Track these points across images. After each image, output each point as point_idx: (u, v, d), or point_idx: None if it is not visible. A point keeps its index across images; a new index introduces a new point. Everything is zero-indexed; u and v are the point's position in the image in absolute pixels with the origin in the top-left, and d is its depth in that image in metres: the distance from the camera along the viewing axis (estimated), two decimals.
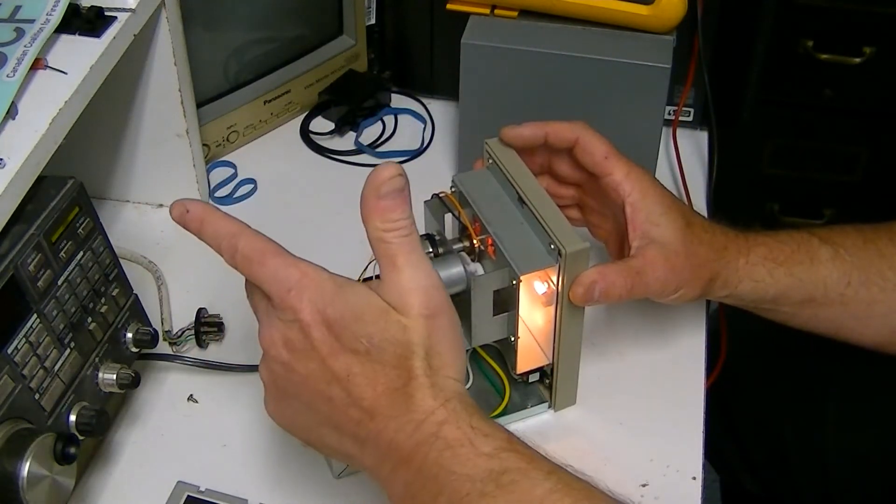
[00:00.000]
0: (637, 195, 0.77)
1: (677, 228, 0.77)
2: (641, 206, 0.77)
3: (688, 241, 0.77)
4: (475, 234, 0.78)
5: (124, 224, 1.00)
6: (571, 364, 0.80)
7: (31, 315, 0.69)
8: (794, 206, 1.67)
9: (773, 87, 1.53)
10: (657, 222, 0.76)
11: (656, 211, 0.77)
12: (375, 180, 0.62)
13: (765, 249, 0.79)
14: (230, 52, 1.06)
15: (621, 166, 0.78)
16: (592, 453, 0.80)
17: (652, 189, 0.78)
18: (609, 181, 0.78)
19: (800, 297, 0.80)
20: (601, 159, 0.79)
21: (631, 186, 0.77)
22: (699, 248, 0.77)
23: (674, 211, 0.77)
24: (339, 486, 0.78)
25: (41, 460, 0.65)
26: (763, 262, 0.79)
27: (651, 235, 0.76)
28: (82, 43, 0.78)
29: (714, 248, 0.78)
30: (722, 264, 0.78)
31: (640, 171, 0.79)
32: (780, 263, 0.79)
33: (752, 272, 0.79)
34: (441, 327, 0.63)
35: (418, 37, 1.11)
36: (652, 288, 0.76)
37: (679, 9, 0.91)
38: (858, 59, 1.49)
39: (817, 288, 0.80)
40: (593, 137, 0.80)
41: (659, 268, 0.75)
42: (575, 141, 0.80)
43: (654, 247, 0.76)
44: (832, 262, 0.80)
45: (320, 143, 1.11)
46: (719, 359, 0.95)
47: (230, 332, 0.89)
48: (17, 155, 0.69)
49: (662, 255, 0.76)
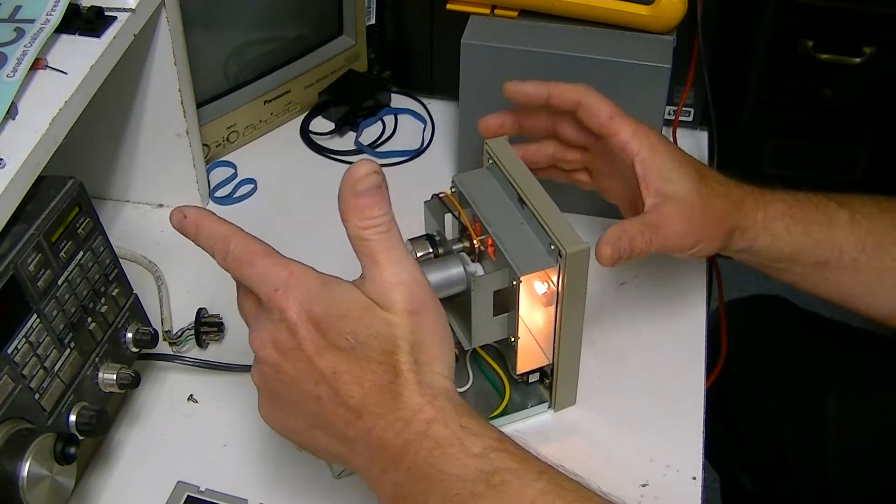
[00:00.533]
0: (646, 152, 0.76)
1: (691, 181, 0.76)
2: (652, 163, 0.76)
3: (703, 194, 0.76)
4: (475, 234, 0.78)
5: (124, 224, 1.00)
6: (571, 364, 0.80)
7: (31, 315, 0.69)
8: None
9: (773, 87, 1.53)
10: (669, 178, 0.76)
11: (667, 167, 0.76)
12: (351, 178, 0.61)
13: (783, 206, 0.79)
14: (230, 52, 1.06)
15: (627, 125, 0.78)
16: (592, 453, 0.80)
17: (661, 145, 0.77)
18: (616, 141, 0.78)
19: (814, 258, 0.80)
20: (606, 120, 0.78)
21: (639, 144, 0.76)
22: (715, 200, 0.77)
23: (685, 165, 0.77)
24: (339, 486, 0.78)
25: (41, 460, 0.65)
26: (781, 218, 0.78)
27: (665, 191, 0.76)
28: (82, 43, 0.78)
29: (731, 199, 0.77)
30: (740, 216, 0.78)
31: (647, 129, 0.78)
32: (798, 221, 0.79)
33: (770, 226, 0.78)
34: (426, 322, 0.63)
35: (418, 37, 1.11)
36: (671, 241, 0.75)
37: (679, 9, 0.91)
38: (858, 59, 1.49)
39: (833, 251, 0.79)
40: (597, 98, 0.79)
41: (676, 221, 0.75)
42: (577, 102, 0.79)
43: (670, 202, 0.75)
44: (849, 226, 0.80)
45: (320, 143, 1.11)
46: (719, 359, 0.95)
47: (230, 332, 0.89)
48: (17, 155, 0.69)
49: (678, 209, 0.75)
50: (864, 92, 1.55)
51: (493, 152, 0.81)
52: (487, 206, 0.78)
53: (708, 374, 0.87)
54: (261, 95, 1.08)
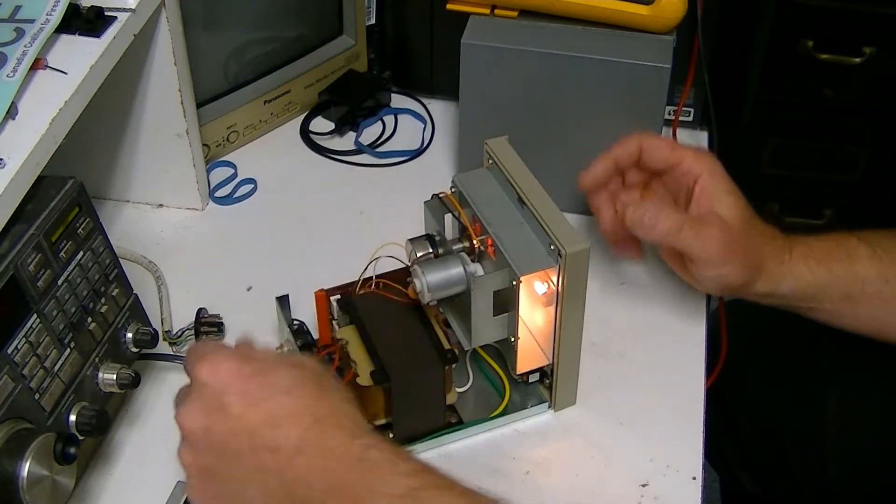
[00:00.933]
0: (707, 175, 0.81)
1: (739, 208, 0.80)
2: (709, 184, 0.81)
3: (745, 223, 0.80)
4: (475, 234, 0.78)
5: (124, 224, 1.00)
6: (571, 364, 0.80)
7: (31, 315, 0.69)
8: (794, 206, 1.66)
9: (773, 87, 1.53)
10: (722, 199, 0.80)
11: (722, 189, 0.80)
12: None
13: (805, 248, 0.82)
14: (230, 52, 1.06)
15: (688, 153, 0.82)
16: (592, 453, 0.80)
17: (718, 169, 0.82)
18: (681, 168, 0.82)
19: (838, 293, 0.82)
20: (669, 153, 0.83)
21: (700, 168, 0.81)
22: (753, 231, 0.80)
23: (735, 193, 0.81)
24: None
25: (41, 460, 0.65)
26: (804, 260, 0.81)
27: (715, 209, 0.80)
28: (82, 43, 0.78)
29: (765, 237, 0.81)
30: (769, 254, 0.81)
31: (705, 153, 0.83)
32: (820, 261, 0.82)
33: (793, 269, 0.81)
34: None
35: (418, 37, 1.11)
36: (699, 247, 0.79)
37: (679, 9, 0.91)
38: (858, 59, 1.49)
39: (855, 284, 0.82)
40: (654, 138, 0.84)
41: (715, 228, 0.79)
42: (639, 148, 0.84)
43: (715, 216, 0.79)
44: (869, 259, 0.82)
45: (320, 143, 1.11)
46: (719, 359, 0.95)
47: (230, 333, 0.89)
48: (17, 155, 0.69)
49: (720, 224, 0.79)
50: (864, 92, 1.55)
51: (493, 152, 0.81)
52: (487, 206, 0.78)
53: (708, 374, 0.87)
54: (261, 95, 1.08)
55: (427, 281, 0.75)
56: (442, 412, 0.80)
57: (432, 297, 0.76)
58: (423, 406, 0.78)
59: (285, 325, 0.83)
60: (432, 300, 0.76)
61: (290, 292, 0.84)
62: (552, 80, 0.92)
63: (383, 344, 0.78)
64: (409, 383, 0.76)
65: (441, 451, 0.80)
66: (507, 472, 0.79)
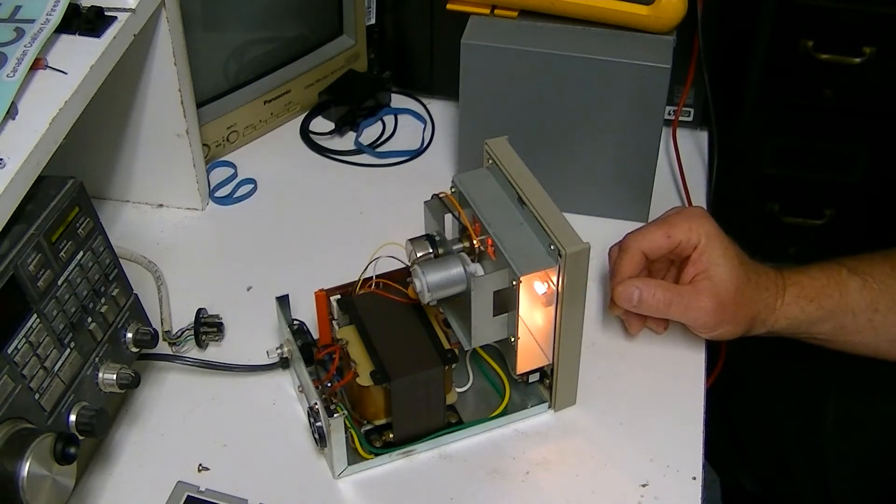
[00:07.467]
0: (704, 242, 0.83)
1: (733, 268, 0.82)
2: (706, 250, 0.83)
3: (740, 281, 0.82)
4: (475, 234, 0.78)
5: (124, 224, 1.00)
6: (571, 364, 0.80)
7: (31, 315, 0.69)
8: (794, 206, 1.66)
9: (773, 87, 1.53)
10: (718, 263, 0.82)
11: (718, 253, 0.82)
12: None
13: (797, 289, 0.85)
14: (230, 52, 1.06)
15: (682, 228, 0.84)
16: (592, 453, 0.80)
17: (714, 231, 0.83)
18: (680, 246, 0.84)
19: (831, 326, 0.85)
20: (666, 241, 0.84)
21: (697, 237, 0.83)
22: (747, 288, 0.83)
23: (731, 250, 0.83)
24: (339, 486, 0.78)
25: (41, 460, 0.65)
26: (796, 301, 0.84)
27: (710, 273, 0.82)
28: (82, 43, 0.78)
29: (759, 288, 0.83)
30: (762, 305, 0.84)
31: (696, 216, 0.84)
32: (812, 299, 0.84)
33: (786, 312, 0.84)
34: None
35: (418, 37, 1.11)
36: (692, 314, 0.82)
37: (679, 9, 0.91)
38: (858, 59, 1.48)
39: (846, 316, 0.85)
40: (644, 236, 0.84)
41: (705, 298, 0.81)
42: (642, 254, 0.85)
43: (707, 280, 0.82)
44: (859, 291, 0.85)
45: (320, 143, 1.11)
46: (719, 359, 0.95)
47: (230, 333, 0.89)
48: (17, 155, 0.69)
49: (713, 289, 0.81)
50: (864, 92, 1.54)
51: (493, 152, 0.81)
52: (487, 206, 0.78)
53: (708, 374, 0.87)
54: (261, 95, 1.08)
55: (427, 281, 0.75)
56: (442, 412, 0.80)
57: (432, 297, 0.76)
58: (424, 406, 0.78)
59: (285, 325, 0.83)
60: (432, 300, 0.76)
61: (290, 292, 0.84)
62: (552, 80, 0.92)
63: (383, 344, 0.78)
64: (409, 383, 0.76)
65: (441, 451, 0.80)
66: (507, 472, 0.79)
